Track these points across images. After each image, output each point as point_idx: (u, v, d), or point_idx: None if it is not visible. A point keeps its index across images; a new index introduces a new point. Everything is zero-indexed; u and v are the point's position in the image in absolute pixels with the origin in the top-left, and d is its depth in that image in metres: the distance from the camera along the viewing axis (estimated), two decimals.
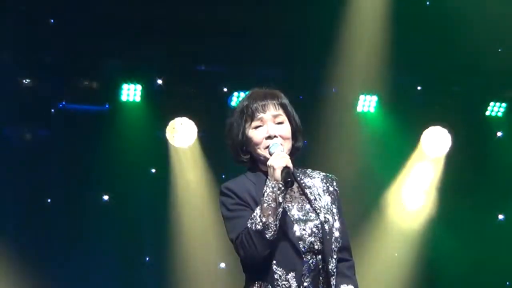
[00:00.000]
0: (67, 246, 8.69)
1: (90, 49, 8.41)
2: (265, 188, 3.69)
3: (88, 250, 8.74)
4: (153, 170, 9.14)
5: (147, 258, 9.18)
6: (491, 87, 9.32)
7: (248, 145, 3.88)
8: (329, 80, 9.10)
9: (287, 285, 3.71)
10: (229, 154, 3.96)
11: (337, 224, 3.84)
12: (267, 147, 3.83)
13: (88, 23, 8.25)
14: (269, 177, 3.70)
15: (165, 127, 9.02)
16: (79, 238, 8.70)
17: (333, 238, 3.79)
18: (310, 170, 4.01)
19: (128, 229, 8.86)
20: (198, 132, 9.07)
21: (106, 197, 9.09)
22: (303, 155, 4.07)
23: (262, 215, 3.66)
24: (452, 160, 9.53)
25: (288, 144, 3.87)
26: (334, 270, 3.79)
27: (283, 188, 3.66)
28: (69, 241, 8.69)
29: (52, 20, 8.44)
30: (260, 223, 3.65)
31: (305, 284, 3.73)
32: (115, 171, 8.81)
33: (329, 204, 3.87)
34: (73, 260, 8.66)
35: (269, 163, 3.71)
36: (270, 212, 3.65)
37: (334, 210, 3.87)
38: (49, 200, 8.92)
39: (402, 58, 8.83)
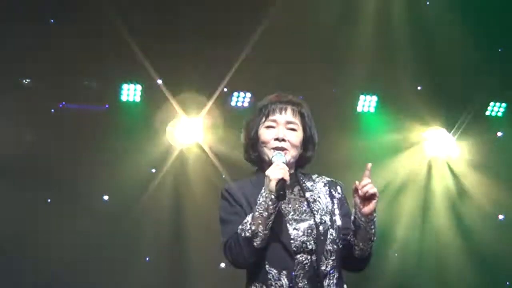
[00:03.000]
0: (67, 246, 8.68)
1: (90, 49, 8.40)
2: (259, 197, 3.72)
3: (88, 250, 8.74)
4: (153, 170, 9.13)
5: (147, 258, 9.17)
6: (491, 87, 9.32)
7: (257, 143, 3.92)
8: (329, 80, 9.10)
9: (279, 284, 3.74)
10: (228, 154, 3.98)
11: (336, 226, 3.84)
12: (273, 148, 3.86)
13: (88, 23, 8.25)
14: (264, 187, 3.72)
15: (165, 127, 9.02)
16: (79, 238, 8.68)
17: (329, 239, 3.80)
18: (316, 175, 4.03)
19: (128, 229, 8.85)
20: (198, 132, 9.06)
21: (106, 197, 9.09)
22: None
23: (252, 223, 3.69)
24: (452, 161, 9.53)
25: (294, 152, 3.92)
26: (331, 272, 3.79)
27: (275, 199, 3.68)
28: (68, 241, 8.68)
29: (52, 20, 8.44)
30: (250, 231, 3.70)
31: (300, 284, 3.74)
32: (115, 171, 8.81)
33: (330, 207, 3.88)
34: (73, 260, 8.65)
35: (266, 173, 3.74)
36: (260, 221, 3.68)
37: (336, 212, 3.88)
38: (49, 200, 8.91)
39: (402, 58, 8.83)
